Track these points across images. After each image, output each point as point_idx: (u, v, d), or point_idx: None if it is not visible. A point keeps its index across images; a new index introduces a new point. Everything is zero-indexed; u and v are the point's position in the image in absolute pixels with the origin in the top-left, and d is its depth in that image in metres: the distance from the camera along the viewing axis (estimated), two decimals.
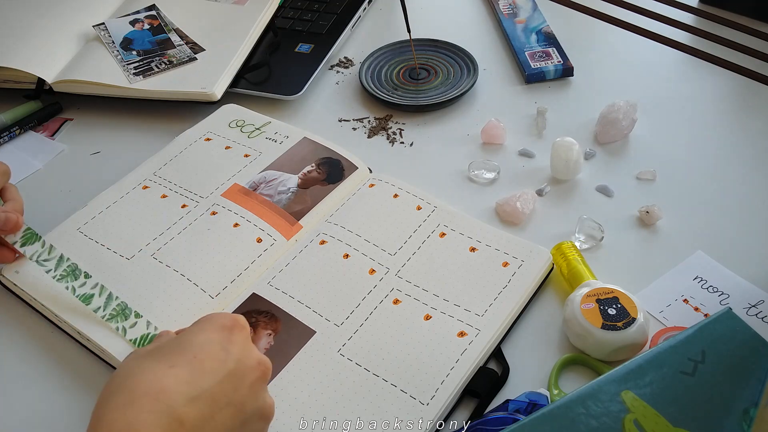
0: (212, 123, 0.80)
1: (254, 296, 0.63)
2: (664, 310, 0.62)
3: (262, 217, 0.69)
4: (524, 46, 0.90)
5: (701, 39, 0.90)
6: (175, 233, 0.68)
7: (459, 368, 0.57)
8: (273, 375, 0.57)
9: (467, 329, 0.60)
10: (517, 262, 0.64)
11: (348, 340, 0.60)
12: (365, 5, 0.99)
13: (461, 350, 0.58)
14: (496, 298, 0.62)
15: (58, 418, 0.58)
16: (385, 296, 0.63)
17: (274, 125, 0.79)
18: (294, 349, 0.59)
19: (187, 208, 0.70)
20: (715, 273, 0.64)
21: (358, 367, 0.58)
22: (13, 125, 0.83)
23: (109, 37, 0.88)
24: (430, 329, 0.60)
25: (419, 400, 0.55)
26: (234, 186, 0.72)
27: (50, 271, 0.62)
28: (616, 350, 0.57)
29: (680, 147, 0.77)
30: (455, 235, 0.67)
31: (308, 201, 0.71)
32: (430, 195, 0.71)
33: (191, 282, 0.63)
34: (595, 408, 0.49)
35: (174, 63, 0.86)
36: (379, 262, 0.65)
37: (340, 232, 0.68)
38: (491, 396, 0.57)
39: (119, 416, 0.42)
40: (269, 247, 0.67)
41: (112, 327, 0.60)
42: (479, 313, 0.61)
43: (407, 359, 0.58)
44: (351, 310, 0.62)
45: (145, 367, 0.45)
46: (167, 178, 0.73)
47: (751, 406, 0.50)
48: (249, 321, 0.60)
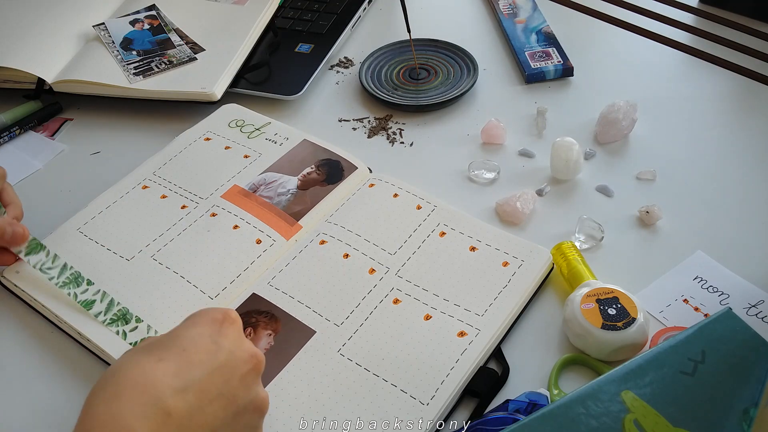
0: (212, 123, 0.80)
1: (254, 296, 0.63)
2: (664, 310, 0.62)
3: (262, 219, 0.69)
4: (524, 46, 0.90)
5: (701, 39, 0.90)
6: (175, 234, 0.68)
7: (459, 368, 0.57)
8: (273, 375, 0.57)
9: (467, 329, 0.59)
10: (517, 262, 0.64)
11: (348, 339, 0.60)
12: (365, 5, 0.99)
13: (461, 350, 0.58)
14: (496, 297, 0.62)
15: (58, 417, 0.57)
16: (385, 296, 0.63)
17: (274, 126, 0.79)
18: (294, 349, 0.59)
19: (187, 209, 0.70)
20: (715, 273, 0.64)
21: (358, 367, 0.58)
22: (13, 125, 0.83)
23: (109, 37, 0.88)
24: (430, 329, 0.60)
25: (419, 400, 0.55)
26: (234, 187, 0.72)
27: (53, 278, 0.62)
28: (616, 350, 0.57)
29: (680, 147, 0.77)
30: (455, 234, 0.67)
31: (308, 202, 0.70)
32: (430, 194, 0.71)
33: (191, 284, 0.63)
34: (595, 408, 0.49)
35: (174, 63, 0.86)
36: (379, 262, 0.65)
37: (339, 231, 0.68)
38: (491, 396, 0.57)
39: (106, 409, 0.42)
40: (269, 248, 0.67)
41: (113, 331, 0.60)
42: (479, 313, 0.61)
43: (407, 359, 0.58)
44: (351, 309, 0.62)
45: (134, 361, 0.45)
46: (167, 178, 0.73)
47: (751, 406, 0.50)
48: (249, 321, 0.60)
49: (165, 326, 0.60)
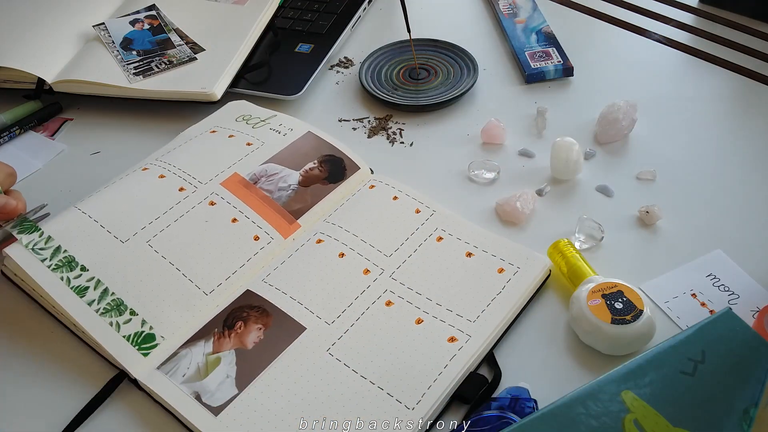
0: (219, 118, 0.79)
1: (248, 292, 0.63)
2: (669, 300, 0.62)
3: (261, 214, 0.68)
4: (524, 46, 0.90)
5: (701, 39, 0.90)
6: (171, 220, 0.67)
7: (447, 374, 0.57)
8: (261, 368, 0.57)
9: (458, 335, 0.59)
10: (513, 269, 0.64)
11: (338, 339, 0.59)
12: (365, 5, 0.99)
13: (450, 356, 0.58)
14: (489, 304, 0.61)
15: (57, 411, 0.58)
16: (378, 297, 0.62)
17: (279, 118, 0.78)
18: (283, 344, 0.59)
19: (185, 192, 0.69)
20: (731, 272, 0.64)
21: (346, 368, 0.57)
22: (13, 125, 0.83)
23: (109, 37, 0.88)
24: (421, 333, 0.59)
25: (405, 404, 0.55)
26: (234, 176, 0.71)
27: (45, 260, 0.62)
28: (628, 343, 0.58)
29: (680, 147, 0.77)
30: (452, 239, 0.67)
31: (308, 200, 0.70)
32: (430, 198, 0.71)
33: (186, 278, 0.63)
34: (595, 408, 0.49)
35: (174, 63, 0.86)
36: (374, 263, 0.65)
37: (337, 231, 0.68)
38: (480, 402, 0.56)
39: None
40: (266, 245, 0.66)
41: (106, 321, 0.60)
42: (471, 319, 0.60)
43: (396, 363, 0.57)
44: (343, 309, 0.62)
45: None
46: (167, 161, 0.73)
47: (751, 406, 0.50)
48: (240, 315, 0.61)
49: (152, 316, 0.60)
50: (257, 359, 0.58)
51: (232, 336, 0.60)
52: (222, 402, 0.56)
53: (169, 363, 0.58)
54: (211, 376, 0.57)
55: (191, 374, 0.57)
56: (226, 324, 0.60)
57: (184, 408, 0.55)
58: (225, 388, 0.56)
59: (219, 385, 0.56)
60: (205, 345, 0.59)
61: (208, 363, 0.58)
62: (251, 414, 0.55)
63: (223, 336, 0.60)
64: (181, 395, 0.56)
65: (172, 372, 0.57)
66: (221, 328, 0.60)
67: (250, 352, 0.59)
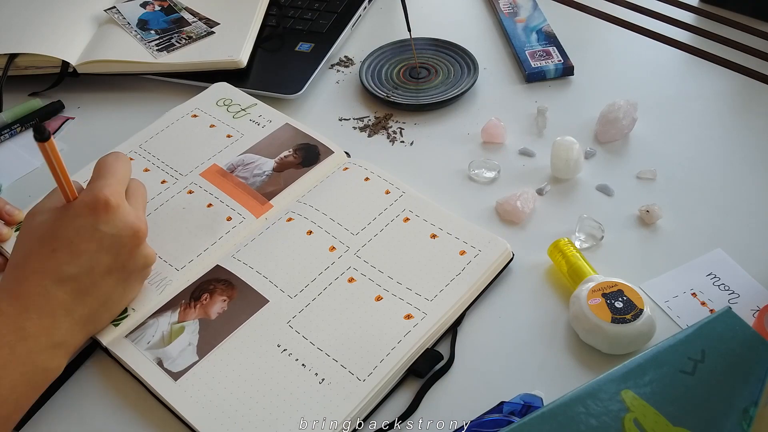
0: (201, 100, 0.82)
1: (217, 267, 0.65)
2: (669, 300, 0.62)
3: (235, 198, 0.71)
4: (524, 45, 0.90)
5: (702, 38, 0.90)
6: (151, 209, 0.70)
7: (400, 348, 0.58)
8: (222, 338, 0.60)
9: (414, 312, 0.61)
10: (474, 252, 0.65)
11: (299, 312, 0.61)
12: (366, 4, 0.99)
13: (405, 332, 0.60)
14: (447, 284, 0.63)
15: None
16: (341, 274, 0.64)
17: (259, 108, 0.81)
18: (245, 315, 0.61)
19: (166, 184, 0.72)
20: (731, 272, 0.64)
21: (304, 339, 0.59)
22: (14, 123, 0.83)
23: (123, 19, 0.91)
24: (379, 310, 0.61)
25: (357, 376, 0.57)
26: (213, 166, 0.74)
27: None
28: (629, 343, 0.58)
29: (680, 146, 0.77)
30: (419, 221, 0.68)
31: (281, 183, 0.72)
32: (401, 181, 0.72)
33: (158, 257, 0.65)
34: (595, 407, 0.49)
35: (193, 38, 0.89)
36: (341, 241, 0.67)
37: (307, 210, 0.69)
38: (434, 378, 0.58)
39: (16, 287, 0.54)
40: (238, 225, 0.68)
41: None
42: (429, 298, 0.62)
43: (352, 337, 0.60)
44: (306, 283, 0.63)
45: (34, 252, 0.55)
46: (152, 152, 0.76)
47: (751, 406, 0.50)
48: (207, 288, 0.63)
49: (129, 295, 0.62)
50: (220, 329, 0.60)
51: (198, 307, 0.62)
52: (182, 368, 0.58)
53: (137, 331, 0.61)
54: (174, 343, 0.60)
55: (155, 341, 0.60)
56: (193, 296, 0.63)
57: (146, 372, 0.58)
58: (186, 355, 0.59)
59: (181, 352, 0.59)
60: (172, 315, 0.62)
61: (173, 331, 0.60)
62: (209, 380, 0.57)
63: (189, 306, 0.62)
64: (144, 360, 0.59)
65: (138, 339, 0.60)
66: (188, 299, 0.63)
67: (213, 321, 0.61)
